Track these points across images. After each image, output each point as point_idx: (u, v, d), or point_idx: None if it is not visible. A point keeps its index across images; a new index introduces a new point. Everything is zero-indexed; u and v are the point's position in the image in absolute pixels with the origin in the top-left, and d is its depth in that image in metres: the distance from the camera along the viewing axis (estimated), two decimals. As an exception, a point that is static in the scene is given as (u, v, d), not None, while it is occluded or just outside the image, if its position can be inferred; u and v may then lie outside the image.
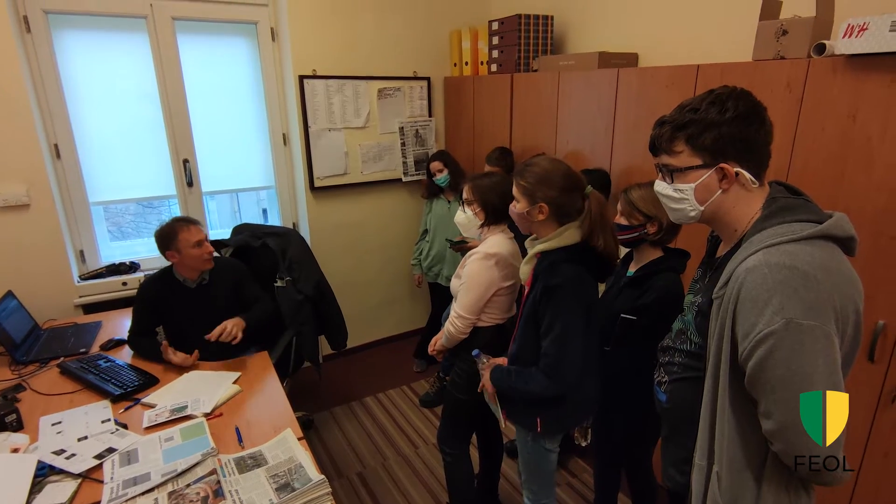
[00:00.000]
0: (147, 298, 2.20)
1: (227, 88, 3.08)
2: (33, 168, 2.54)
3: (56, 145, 2.71)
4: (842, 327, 0.93)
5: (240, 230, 2.78)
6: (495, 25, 2.99)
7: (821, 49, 1.60)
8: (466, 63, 3.29)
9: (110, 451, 1.58)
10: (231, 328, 2.08)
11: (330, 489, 1.41)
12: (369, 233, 3.53)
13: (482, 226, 1.85)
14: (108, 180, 2.88)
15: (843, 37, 1.47)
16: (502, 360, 1.74)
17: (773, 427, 0.95)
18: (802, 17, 1.67)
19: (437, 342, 2.01)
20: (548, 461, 1.71)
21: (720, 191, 1.06)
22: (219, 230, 3.40)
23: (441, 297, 3.25)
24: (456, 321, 1.83)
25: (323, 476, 1.41)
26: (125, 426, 1.72)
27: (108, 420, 1.75)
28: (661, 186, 1.13)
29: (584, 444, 2.00)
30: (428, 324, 3.46)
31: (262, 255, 2.64)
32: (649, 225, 1.66)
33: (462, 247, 2.75)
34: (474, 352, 1.79)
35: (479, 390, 1.78)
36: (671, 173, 1.09)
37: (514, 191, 1.54)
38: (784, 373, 0.92)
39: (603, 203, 1.50)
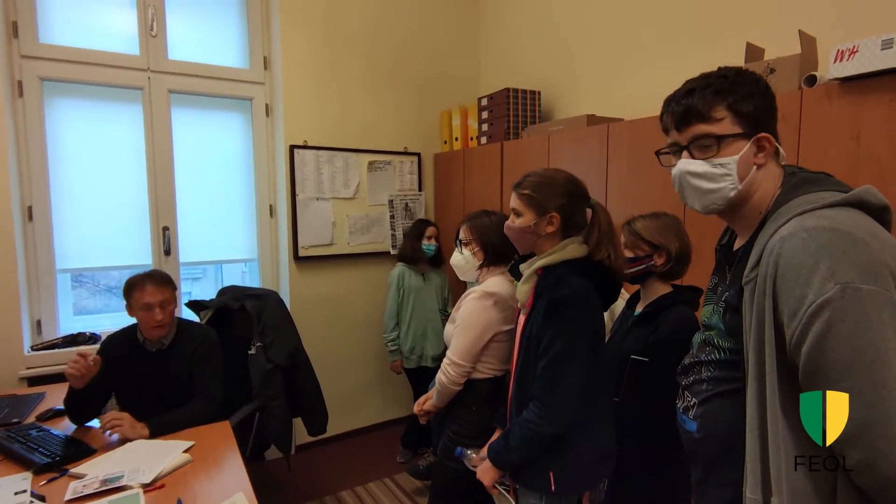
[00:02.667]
0: (104, 355, 1.94)
1: (217, 159, 3.07)
2: (-1, 228, 2.40)
3: (30, 207, 2.60)
4: None
5: (224, 292, 2.60)
6: (484, 101, 3.08)
7: (812, 80, 1.60)
8: (457, 139, 3.36)
9: (16, 526, 1.28)
10: (115, 423, 1.74)
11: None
12: (353, 307, 3.33)
13: (481, 266, 1.71)
14: (80, 247, 2.74)
15: (835, 62, 1.47)
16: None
17: (846, 431, 0.75)
18: (787, 55, 1.69)
19: (427, 402, 1.76)
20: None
21: (755, 167, 0.94)
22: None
23: (425, 383, 2.84)
24: (449, 368, 1.61)
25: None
26: (42, 498, 1.41)
27: (24, 492, 1.44)
28: (693, 165, 0.96)
29: (598, 527, 1.68)
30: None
31: (241, 319, 2.43)
32: (656, 256, 1.53)
33: None
34: (457, 451, 1.56)
35: (491, 486, 1.48)
36: (717, 142, 0.94)
37: (517, 204, 1.40)
38: (851, 352, 0.74)
39: (608, 214, 1.38)
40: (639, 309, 1.60)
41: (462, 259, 1.73)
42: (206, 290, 3.51)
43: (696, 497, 1.10)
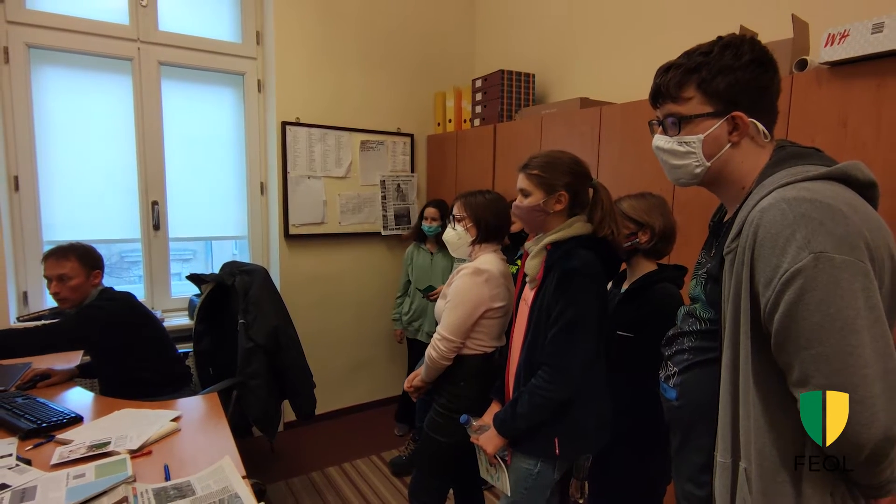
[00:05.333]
0: None
1: (208, 134, 3.04)
2: (-16, 197, 2.37)
3: (16, 177, 2.57)
4: (878, 273, 0.79)
5: (225, 266, 2.59)
6: (479, 83, 3.07)
7: (802, 65, 1.61)
8: (450, 121, 3.35)
9: (2, 487, 1.28)
10: None
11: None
12: (344, 287, 3.34)
13: (473, 243, 1.72)
14: (67, 219, 2.71)
15: (825, 46, 1.49)
16: (489, 416, 1.53)
17: None
18: (779, 39, 1.70)
19: (416, 378, 1.78)
20: (546, 500, 1.44)
21: (729, 144, 0.95)
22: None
23: (420, 356, 2.97)
24: (439, 344, 1.63)
25: (264, 508, 1.14)
26: (28, 462, 1.42)
27: (9, 455, 1.44)
28: (661, 141, 1.01)
29: (581, 501, 1.71)
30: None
31: (234, 295, 2.42)
32: (641, 233, 1.55)
33: (433, 294, 2.58)
34: (462, 418, 1.57)
35: (493, 454, 1.51)
36: (679, 122, 0.97)
37: (525, 184, 1.44)
38: (820, 319, 0.75)
39: (609, 193, 1.43)
40: (625, 287, 1.63)
41: (455, 235, 1.74)
42: (197, 272, 3.49)
43: (674, 466, 1.13)
